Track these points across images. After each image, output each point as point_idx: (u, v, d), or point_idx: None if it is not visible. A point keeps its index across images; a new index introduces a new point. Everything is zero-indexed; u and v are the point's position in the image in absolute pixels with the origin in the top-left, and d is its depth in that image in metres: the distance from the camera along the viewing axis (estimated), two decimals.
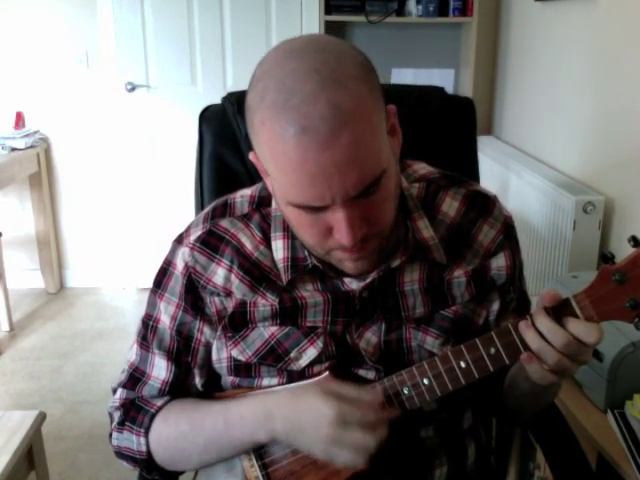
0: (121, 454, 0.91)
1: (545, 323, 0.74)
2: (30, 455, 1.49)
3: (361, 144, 0.68)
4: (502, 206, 0.93)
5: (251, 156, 0.79)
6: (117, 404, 0.92)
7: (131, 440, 0.89)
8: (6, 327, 2.99)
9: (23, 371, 2.66)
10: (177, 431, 0.86)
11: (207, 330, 0.88)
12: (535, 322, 0.75)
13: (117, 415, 0.91)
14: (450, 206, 0.89)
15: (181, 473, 0.96)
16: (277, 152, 0.69)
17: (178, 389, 0.90)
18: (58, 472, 2.05)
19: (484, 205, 0.91)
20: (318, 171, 0.68)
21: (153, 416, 0.88)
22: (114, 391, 0.94)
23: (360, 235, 0.73)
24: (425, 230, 0.86)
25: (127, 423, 0.89)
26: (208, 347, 0.89)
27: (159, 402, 0.89)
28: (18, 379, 2.60)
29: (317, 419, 0.76)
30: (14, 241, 3.34)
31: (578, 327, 0.73)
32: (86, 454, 2.14)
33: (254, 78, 0.74)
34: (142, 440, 0.88)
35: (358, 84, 0.69)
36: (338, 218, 0.71)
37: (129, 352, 0.94)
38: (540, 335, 0.74)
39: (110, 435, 0.92)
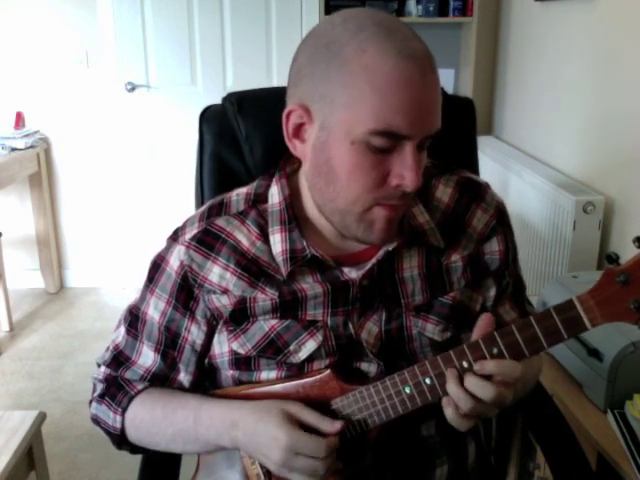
0: (97, 422, 0.95)
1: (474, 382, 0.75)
2: (30, 455, 1.49)
3: (439, 89, 0.76)
4: (494, 192, 0.95)
5: (291, 108, 0.78)
6: (101, 377, 0.96)
7: (108, 415, 0.92)
8: (6, 327, 2.99)
9: (23, 371, 2.67)
10: (150, 416, 0.89)
11: (194, 330, 0.89)
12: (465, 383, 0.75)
13: (99, 387, 0.95)
14: (443, 193, 0.91)
15: (176, 468, 1.00)
16: (381, 74, 0.71)
17: (158, 380, 0.93)
18: (58, 472, 2.05)
19: (476, 191, 0.92)
20: (418, 96, 0.72)
21: (132, 398, 0.91)
22: (98, 365, 0.97)
23: (419, 182, 0.75)
24: (420, 216, 0.88)
25: (107, 398, 0.93)
26: (194, 347, 0.90)
27: (140, 386, 0.92)
28: (18, 379, 2.60)
29: (271, 442, 0.78)
30: (14, 241, 3.34)
31: (503, 366, 0.74)
32: (86, 454, 2.14)
33: (332, 24, 0.76)
34: (118, 418, 0.91)
35: None
36: (406, 159, 0.74)
37: (114, 332, 0.97)
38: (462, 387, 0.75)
39: (90, 402, 0.96)
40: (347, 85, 0.72)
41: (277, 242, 0.85)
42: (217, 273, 0.86)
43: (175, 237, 0.90)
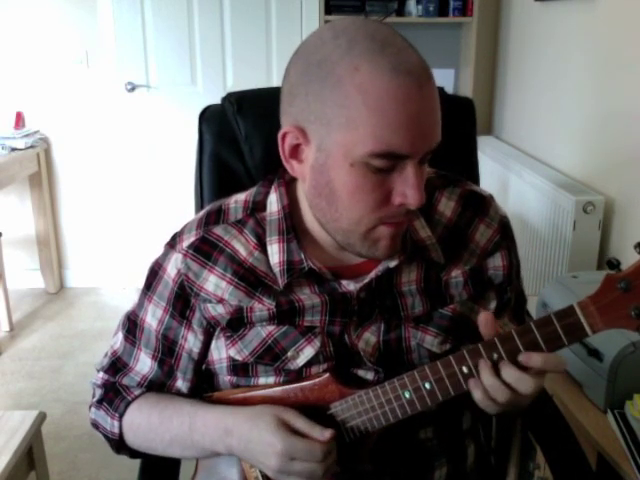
0: (96, 427, 0.96)
1: (512, 373, 0.74)
2: (30, 455, 1.49)
3: (437, 101, 0.73)
4: (498, 206, 0.93)
5: (286, 130, 0.77)
6: (99, 383, 0.96)
7: (106, 420, 0.93)
8: (6, 327, 2.99)
9: (23, 371, 2.67)
10: (147, 422, 0.89)
11: (191, 338, 0.89)
12: (502, 373, 0.74)
13: (98, 392, 0.96)
14: (446, 206, 0.90)
15: (176, 468, 1.01)
16: (376, 93, 0.69)
17: (155, 386, 0.93)
18: (58, 472, 2.05)
19: (480, 205, 0.91)
20: (417, 112, 0.70)
21: (129, 403, 0.91)
22: (97, 371, 0.97)
23: (423, 199, 0.74)
24: (422, 230, 0.86)
25: (104, 403, 0.93)
26: (191, 355, 0.90)
27: (137, 391, 0.92)
28: (18, 379, 2.60)
29: (266, 448, 0.78)
30: (14, 241, 3.34)
31: (549, 359, 0.73)
32: (86, 454, 2.14)
33: (322, 39, 0.73)
34: (116, 423, 0.91)
35: None
36: (409, 177, 0.73)
37: (113, 338, 0.96)
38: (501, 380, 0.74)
39: (90, 407, 0.97)
40: (342, 106, 0.70)
41: (275, 253, 0.84)
42: (213, 282, 0.85)
43: (173, 244, 0.89)
